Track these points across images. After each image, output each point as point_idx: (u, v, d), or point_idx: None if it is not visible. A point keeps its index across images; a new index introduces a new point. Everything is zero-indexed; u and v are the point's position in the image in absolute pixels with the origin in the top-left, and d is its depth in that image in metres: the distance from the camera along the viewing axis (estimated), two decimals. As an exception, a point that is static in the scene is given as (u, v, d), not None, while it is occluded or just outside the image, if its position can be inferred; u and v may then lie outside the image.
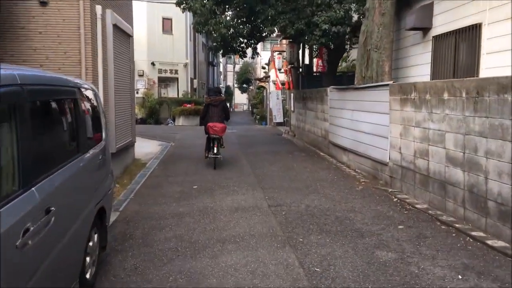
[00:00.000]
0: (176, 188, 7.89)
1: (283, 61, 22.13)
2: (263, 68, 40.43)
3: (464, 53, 7.15)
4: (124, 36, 9.07)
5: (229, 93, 61.29)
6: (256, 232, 5.24)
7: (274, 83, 23.09)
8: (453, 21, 7.43)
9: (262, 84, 33.10)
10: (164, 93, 25.61)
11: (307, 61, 17.54)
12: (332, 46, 13.07)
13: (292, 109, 16.12)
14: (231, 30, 12.47)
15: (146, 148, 13.05)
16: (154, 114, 23.61)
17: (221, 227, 5.50)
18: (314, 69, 18.04)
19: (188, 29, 26.10)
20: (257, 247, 4.72)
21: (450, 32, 7.53)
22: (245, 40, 13.51)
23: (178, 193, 7.46)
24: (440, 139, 5.71)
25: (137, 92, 23.93)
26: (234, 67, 66.81)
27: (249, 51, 15.03)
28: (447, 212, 5.57)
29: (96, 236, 4.09)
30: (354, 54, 17.35)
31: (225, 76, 64.07)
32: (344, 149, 9.59)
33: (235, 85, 63.91)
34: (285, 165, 9.93)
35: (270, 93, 23.82)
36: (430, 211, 5.76)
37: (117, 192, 7.67)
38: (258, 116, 33.46)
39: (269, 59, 33.74)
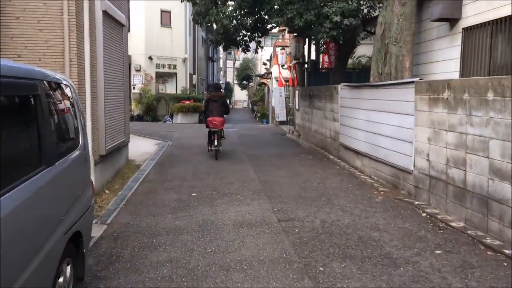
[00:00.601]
0: (172, 195, 7.05)
1: (286, 57, 21.25)
2: (264, 64, 39.57)
3: (503, 48, 6.29)
4: (116, 25, 8.19)
5: (229, 89, 60.44)
6: (267, 256, 4.39)
7: (277, 80, 22.20)
8: (488, 10, 6.56)
9: (264, 80, 32.21)
10: (162, 89, 24.62)
11: (313, 57, 16.65)
12: (342, 40, 12.18)
13: (297, 107, 15.25)
14: (234, 21, 11.57)
15: (141, 147, 12.19)
16: (152, 110, 22.64)
17: (224, 248, 4.65)
18: (321, 65, 17.17)
19: (188, 23, 25.15)
20: (269, 279, 3.87)
21: (484, 23, 6.66)
22: (248, 33, 12.61)
23: (175, 202, 6.62)
24: (482, 146, 4.86)
25: (134, 88, 23.04)
26: (234, 63, 65.92)
27: (252, 45, 14.14)
28: (491, 233, 4.72)
29: (69, 268, 3.24)
30: (361, 50, 16.53)
31: (224, 72, 63.15)
32: (358, 153, 8.74)
33: (235, 82, 63.02)
34: (293, 170, 9.08)
35: (272, 90, 22.93)
36: (469, 231, 4.91)
37: (106, 200, 6.84)
38: (259, 114, 32.60)
39: (271, 54, 32.85)
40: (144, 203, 6.63)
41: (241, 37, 12.58)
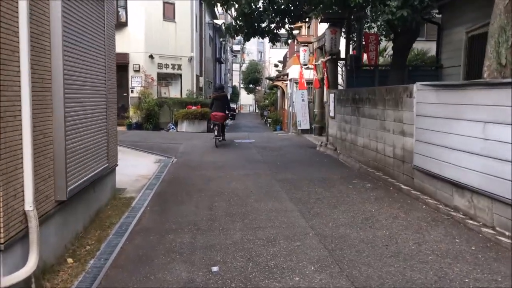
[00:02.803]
0: (179, 272, 4.11)
1: (310, 55, 18.32)
2: (276, 66, 36.72)
3: None
4: (91, -9, 5.24)
5: (235, 93, 57.82)
6: None
7: (296, 82, 19.25)
8: None
9: (278, 83, 29.24)
10: (164, 93, 21.55)
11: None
12: (401, 27, 9.23)
13: (332, 114, 12.25)
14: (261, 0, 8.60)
15: (136, 168, 9.25)
16: (152, 117, 19.48)
17: None
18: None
19: (194, 17, 22.21)
20: None
21: None
22: (277, 18, 9.62)
23: (184, 291, 3.67)
24: None
25: (132, 91, 20.11)
26: (240, 66, 63.23)
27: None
28: None
29: None
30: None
31: (231, 76, 60.45)
32: (460, 186, 5.74)
33: (241, 86, 60.22)
34: (356, 210, 6.10)
35: (292, 93, 19.92)
36: None
37: (65, 282, 3.90)
38: (270, 120, 29.71)
39: (285, 54, 29.94)
40: (129, 292, 3.69)
41: (267, 22, 9.59)
